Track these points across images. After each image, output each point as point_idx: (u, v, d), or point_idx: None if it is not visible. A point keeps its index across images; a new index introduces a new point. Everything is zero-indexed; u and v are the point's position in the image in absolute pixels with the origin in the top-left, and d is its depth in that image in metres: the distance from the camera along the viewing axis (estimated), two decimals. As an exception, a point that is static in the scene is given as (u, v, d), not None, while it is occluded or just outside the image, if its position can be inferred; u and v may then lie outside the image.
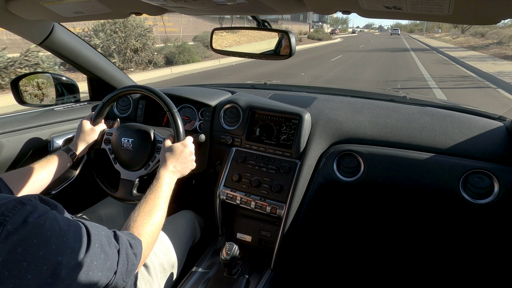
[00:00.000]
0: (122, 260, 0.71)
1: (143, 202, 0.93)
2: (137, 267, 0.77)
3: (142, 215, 0.88)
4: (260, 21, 1.11)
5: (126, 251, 0.73)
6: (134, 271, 0.76)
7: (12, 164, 1.32)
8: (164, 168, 1.07)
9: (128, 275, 0.74)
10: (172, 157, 1.10)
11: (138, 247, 0.78)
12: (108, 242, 0.69)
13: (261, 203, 1.28)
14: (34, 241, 0.54)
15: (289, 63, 11.17)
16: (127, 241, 0.75)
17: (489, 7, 0.60)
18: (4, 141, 1.28)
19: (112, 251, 0.69)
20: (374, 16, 0.75)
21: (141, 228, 0.85)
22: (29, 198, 0.59)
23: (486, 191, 1.14)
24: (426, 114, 1.35)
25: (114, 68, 1.68)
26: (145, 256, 0.82)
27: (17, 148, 1.33)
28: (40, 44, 1.34)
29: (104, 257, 0.65)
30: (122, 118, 1.60)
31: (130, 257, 0.74)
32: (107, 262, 0.66)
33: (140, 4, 0.93)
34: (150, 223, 0.88)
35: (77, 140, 1.21)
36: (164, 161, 1.09)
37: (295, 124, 1.33)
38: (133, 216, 0.88)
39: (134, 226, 0.84)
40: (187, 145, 1.14)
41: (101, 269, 0.64)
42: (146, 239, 0.83)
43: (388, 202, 1.40)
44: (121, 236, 0.74)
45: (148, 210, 0.91)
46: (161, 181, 1.02)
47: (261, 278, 1.22)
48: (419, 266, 1.61)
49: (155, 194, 0.97)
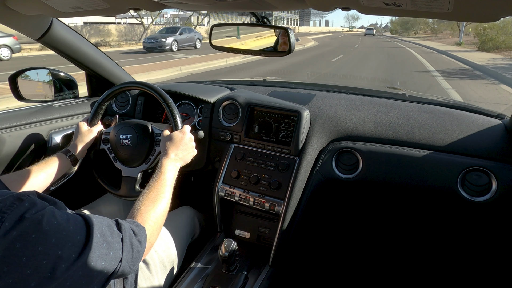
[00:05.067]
0: (127, 248, 0.71)
1: (146, 191, 0.93)
2: (143, 254, 0.77)
3: (146, 203, 0.88)
4: (259, 17, 1.10)
5: (130, 238, 0.73)
6: (140, 258, 0.76)
7: (10, 161, 1.32)
8: (166, 157, 1.07)
9: (135, 263, 0.74)
10: (172, 145, 1.10)
11: (142, 234, 0.78)
12: (110, 231, 0.69)
13: (259, 199, 1.28)
14: (32, 236, 0.54)
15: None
16: (130, 228, 0.75)
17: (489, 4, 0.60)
18: (3, 137, 1.28)
19: (115, 240, 0.69)
20: (374, 13, 0.74)
21: (145, 215, 0.85)
22: (27, 194, 0.59)
23: (484, 188, 1.14)
24: (425, 111, 1.35)
25: (113, 64, 1.67)
26: (151, 243, 0.82)
27: (16, 144, 1.32)
28: (39, 39, 1.34)
29: (106, 247, 0.66)
30: (120, 114, 1.59)
31: (134, 244, 0.74)
32: (110, 252, 0.66)
33: (139, 0, 0.93)
34: (155, 210, 0.88)
35: (76, 142, 1.21)
36: (165, 151, 1.09)
37: (294, 121, 1.33)
38: (137, 204, 0.88)
39: (138, 214, 0.84)
40: (185, 132, 1.14)
41: (104, 258, 0.64)
42: (150, 226, 0.83)
43: (387, 199, 1.40)
44: (123, 224, 0.74)
45: (152, 197, 0.91)
46: (164, 169, 1.02)
47: (260, 275, 1.22)
48: (417, 262, 1.62)
49: (158, 182, 0.97)
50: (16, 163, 1.34)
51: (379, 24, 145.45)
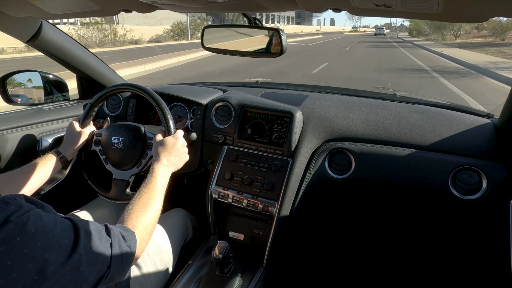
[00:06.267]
0: (116, 253, 0.70)
1: (137, 196, 0.92)
2: (132, 260, 0.76)
3: (136, 208, 0.87)
4: (251, 19, 1.11)
5: (119, 243, 0.72)
6: (129, 264, 0.75)
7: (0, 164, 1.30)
8: (158, 162, 1.06)
9: (124, 268, 0.73)
10: (164, 151, 1.09)
11: (131, 239, 0.77)
12: (99, 236, 0.68)
13: (253, 201, 1.28)
14: (17, 239, 0.53)
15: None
16: (119, 233, 0.74)
17: (477, 4, 0.61)
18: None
19: (104, 244, 0.68)
20: (365, 14, 0.75)
21: (136, 220, 0.84)
22: (13, 197, 0.58)
23: (475, 187, 1.16)
24: (416, 111, 1.36)
25: (103, 66, 1.66)
26: (141, 248, 0.81)
27: (5, 148, 1.30)
28: (28, 42, 1.32)
29: (95, 252, 0.65)
30: (112, 117, 1.58)
31: (124, 249, 0.73)
32: (99, 256, 0.65)
33: (130, 1, 0.92)
34: (145, 215, 0.87)
35: (66, 143, 1.20)
36: (157, 156, 1.09)
37: (287, 122, 1.34)
38: (128, 209, 0.87)
39: (128, 219, 0.84)
40: (178, 138, 1.13)
41: (93, 263, 0.64)
42: (141, 231, 0.82)
43: (379, 199, 1.41)
44: (112, 229, 0.73)
45: (142, 203, 0.90)
46: (156, 175, 1.01)
47: (254, 276, 1.22)
48: (410, 261, 1.63)
49: (150, 188, 0.96)
50: (6, 167, 1.32)
51: (394, 23, 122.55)
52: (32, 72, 1.55)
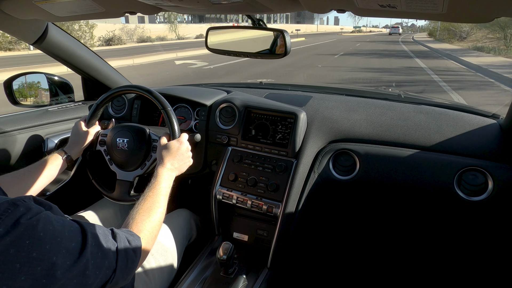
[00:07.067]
0: (121, 257, 0.70)
1: (142, 200, 0.92)
2: (137, 264, 0.76)
3: (141, 212, 0.88)
4: (255, 20, 1.11)
5: (125, 248, 0.72)
6: (134, 268, 0.76)
7: (6, 166, 1.31)
8: (162, 166, 1.06)
9: (129, 272, 0.73)
10: (169, 155, 1.09)
11: (137, 244, 0.77)
12: (105, 240, 0.68)
13: (257, 202, 1.28)
14: (26, 242, 0.53)
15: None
16: (125, 238, 0.74)
17: (482, 5, 0.60)
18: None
19: (110, 249, 0.68)
20: (369, 14, 0.75)
21: (140, 224, 0.84)
22: (22, 199, 0.58)
23: (480, 188, 1.15)
24: (421, 112, 1.36)
25: (108, 68, 1.67)
26: (146, 252, 0.82)
27: (12, 149, 1.31)
28: (34, 43, 1.33)
29: (101, 256, 0.65)
30: (117, 118, 1.59)
31: (129, 254, 0.73)
32: (105, 261, 0.66)
33: (135, 3, 0.93)
34: (150, 220, 0.87)
35: (72, 143, 1.20)
36: (161, 159, 1.09)
37: (291, 123, 1.33)
38: (132, 213, 0.87)
39: (133, 223, 0.84)
40: (183, 142, 1.13)
41: (99, 267, 0.64)
42: (145, 236, 0.82)
43: (384, 200, 1.40)
44: (119, 234, 0.73)
45: (147, 207, 0.90)
46: (160, 179, 1.01)
47: (258, 277, 1.22)
48: (415, 263, 1.62)
49: (154, 192, 0.96)
50: (13, 167, 1.33)
51: (405, 22, 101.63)
52: (38, 74, 1.57)
